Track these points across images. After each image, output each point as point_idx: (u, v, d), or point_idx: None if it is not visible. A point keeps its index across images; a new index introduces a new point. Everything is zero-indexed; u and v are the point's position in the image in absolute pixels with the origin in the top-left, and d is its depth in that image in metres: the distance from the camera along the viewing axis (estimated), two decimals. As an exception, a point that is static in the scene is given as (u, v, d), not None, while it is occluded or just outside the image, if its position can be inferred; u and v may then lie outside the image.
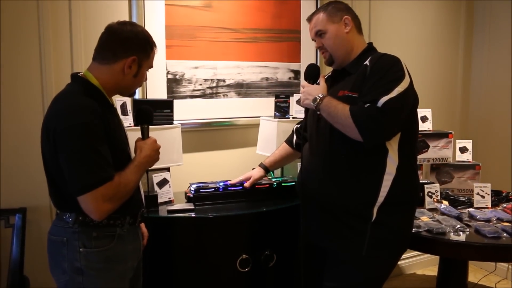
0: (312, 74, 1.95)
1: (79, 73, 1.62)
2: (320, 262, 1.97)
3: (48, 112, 1.54)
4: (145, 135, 1.71)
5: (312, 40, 1.97)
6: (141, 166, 1.61)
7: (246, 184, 2.30)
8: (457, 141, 2.86)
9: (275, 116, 2.64)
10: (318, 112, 1.81)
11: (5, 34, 2.16)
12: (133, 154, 1.67)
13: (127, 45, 1.57)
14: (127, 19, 2.37)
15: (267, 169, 2.34)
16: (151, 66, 1.67)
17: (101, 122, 1.49)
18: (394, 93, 1.69)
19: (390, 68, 1.76)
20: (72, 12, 2.28)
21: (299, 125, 2.29)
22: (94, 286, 1.54)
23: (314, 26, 1.90)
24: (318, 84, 1.92)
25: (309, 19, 1.94)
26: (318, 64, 2.99)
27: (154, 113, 1.81)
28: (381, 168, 1.77)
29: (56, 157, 1.48)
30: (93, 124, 1.46)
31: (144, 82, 2.42)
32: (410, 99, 1.77)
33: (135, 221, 1.68)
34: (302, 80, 1.91)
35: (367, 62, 1.81)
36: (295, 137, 2.29)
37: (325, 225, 1.90)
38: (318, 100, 1.79)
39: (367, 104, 1.69)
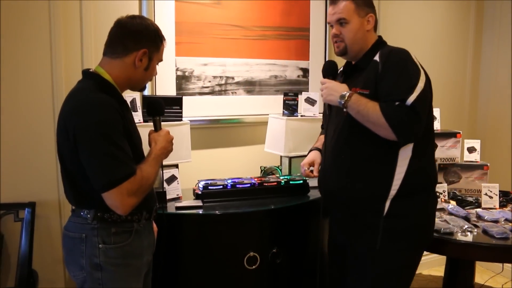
0: (331, 70, 1.93)
1: (90, 69, 1.62)
2: (342, 258, 2.00)
3: (64, 109, 1.54)
4: (157, 127, 1.72)
5: (328, 24, 1.93)
6: (158, 158, 1.62)
7: (315, 173, 2.07)
8: (465, 141, 2.85)
9: (284, 114, 2.64)
10: (344, 109, 1.78)
11: (17, 32, 2.17)
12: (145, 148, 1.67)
13: (138, 38, 1.57)
14: (137, 15, 2.39)
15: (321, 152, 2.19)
16: (161, 60, 1.68)
17: (120, 118, 1.50)
18: (418, 90, 1.70)
19: (405, 64, 1.76)
20: (83, 11, 2.29)
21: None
22: (113, 281, 1.55)
23: (339, 12, 1.84)
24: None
25: (334, 2, 1.87)
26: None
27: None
28: (394, 160, 1.79)
29: (76, 154, 1.47)
30: (114, 120, 1.47)
31: (154, 78, 2.45)
32: (429, 92, 1.80)
33: (150, 216, 1.70)
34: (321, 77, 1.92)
35: (376, 57, 1.81)
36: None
37: (341, 220, 1.97)
38: (346, 97, 1.76)
39: (397, 103, 1.69)
